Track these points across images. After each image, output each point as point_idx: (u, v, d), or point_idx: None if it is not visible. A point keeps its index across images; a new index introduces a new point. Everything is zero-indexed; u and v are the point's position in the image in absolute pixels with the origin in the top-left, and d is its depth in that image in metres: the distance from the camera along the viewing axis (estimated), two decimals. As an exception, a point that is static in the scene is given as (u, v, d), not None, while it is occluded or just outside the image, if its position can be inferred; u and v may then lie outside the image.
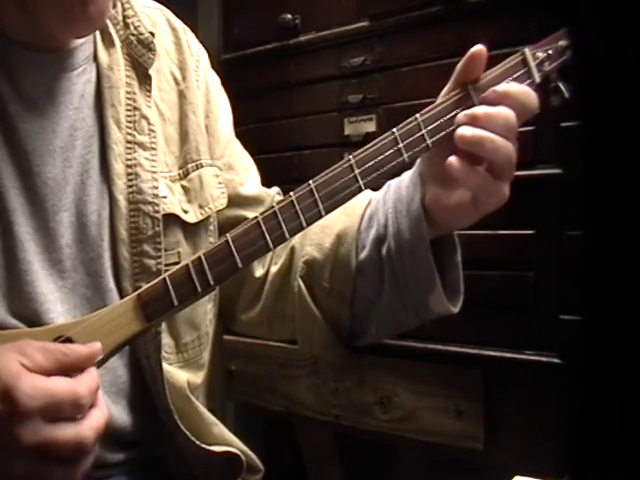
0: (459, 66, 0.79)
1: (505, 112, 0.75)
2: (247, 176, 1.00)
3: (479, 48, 0.77)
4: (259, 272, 0.96)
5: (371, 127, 1.43)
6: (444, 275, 0.84)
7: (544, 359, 1.20)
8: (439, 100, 0.79)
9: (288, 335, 0.96)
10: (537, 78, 0.79)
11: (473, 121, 0.75)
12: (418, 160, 0.82)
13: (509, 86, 0.77)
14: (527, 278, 1.23)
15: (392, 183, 0.86)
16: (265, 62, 1.63)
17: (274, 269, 0.95)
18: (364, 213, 0.88)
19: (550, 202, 1.21)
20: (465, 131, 0.75)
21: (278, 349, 1.44)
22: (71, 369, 0.67)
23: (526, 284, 1.23)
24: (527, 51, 0.79)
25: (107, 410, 0.68)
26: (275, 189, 1.01)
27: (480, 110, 0.75)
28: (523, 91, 0.76)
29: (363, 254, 0.86)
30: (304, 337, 0.94)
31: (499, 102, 0.76)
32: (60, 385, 0.64)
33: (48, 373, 0.65)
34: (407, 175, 0.84)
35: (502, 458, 1.27)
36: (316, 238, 0.91)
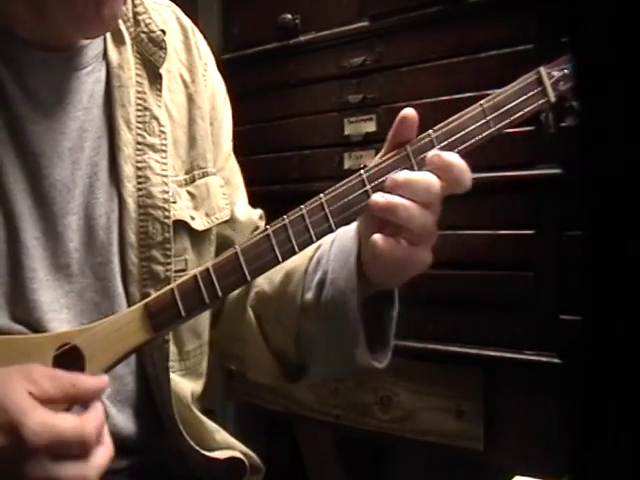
0: (391, 131, 0.76)
1: (427, 178, 0.73)
2: (239, 196, 0.98)
3: (407, 111, 0.75)
4: None
5: (371, 127, 1.43)
6: (378, 328, 0.82)
7: (544, 359, 1.20)
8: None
9: (243, 355, 0.95)
10: (552, 97, 0.76)
11: (393, 186, 0.73)
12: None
13: (437, 156, 0.73)
14: (527, 278, 1.23)
15: (342, 230, 0.84)
16: (265, 62, 1.63)
17: (234, 293, 0.94)
18: (313, 255, 0.87)
19: (550, 202, 1.21)
20: (378, 198, 0.73)
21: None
22: (77, 400, 0.67)
23: (526, 284, 1.23)
24: (542, 70, 0.76)
25: (111, 448, 0.67)
26: (259, 212, 0.99)
27: (400, 176, 0.73)
28: (445, 164, 0.73)
29: (308, 296, 0.85)
30: (252, 364, 0.94)
31: (435, 168, 0.73)
32: (68, 424, 0.63)
33: (54, 402, 0.64)
34: (354, 225, 0.82)
35: (502, 458, 1.27)
36: (269, 272, 0.91)
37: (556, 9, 1.04)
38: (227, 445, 0.92)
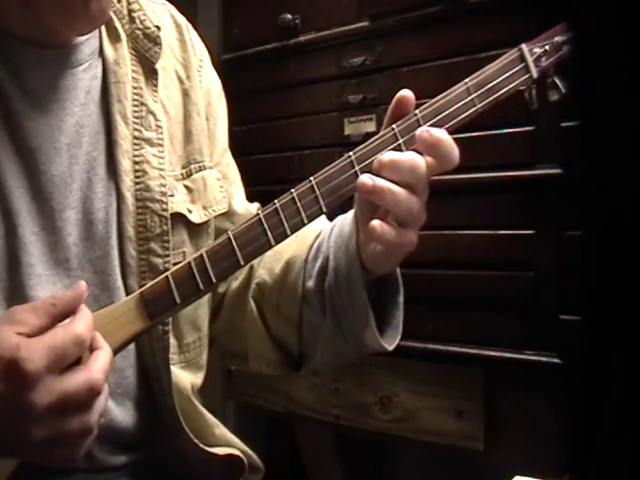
0: (389, 111, 0.78)
1: (412, 158, 0.74)
2: (236, 190, 0.99)
3: (405, 92, 0.77)
4: (222, 288, 0.96)
5: (371, 127, 1.43)
6: (386, 315, 0.83)
7: (544, 359, 1.20)
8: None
9: (244, 349, 0.96)
10: (535, 73, 0.79)
11: (380, 167, 0.74)
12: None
13: (435, 132, 0.74)
14: (527, 278, 1.23)
15: (340, 217, 0.86)
16: (265, 62, 1.64)
17: (234, 285, 0.95)
18: (313, 243, 0.89)
19: (550, 202, 1.21)
20: (366, 180, 0.74)
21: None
22: (64, 316, 0.67)
23: (526, 284, 1.23)
24: (524, 47, 0.79)
25: (109, 350, 0.69)
26: (256, 205, 1.00)
27: (386, 157, 0.74)
28: (432, 141, 0.74)
29: (309, 284, 0.86)
30: (254, 355, 0.94)
31: (425, 144, 0.74)
32: (57, 334, 0.65)
33: (45, 329, 0.65)
34: (352, 211, 0.84)
35: (502, 458, 1.27)
36: (269, 262, 0.92)
37: (556, 9, 1.05)
38: (226, 442, 0.92)
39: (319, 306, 0.85)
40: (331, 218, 0.87)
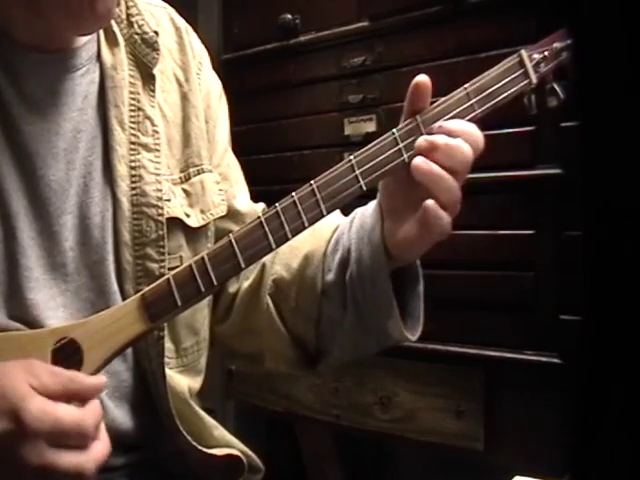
0: (406, 101, 0.79)
1: (465, 146, 0.75)
2: (239, 189, 0.99)
3: (420, 78, 0.78)
4: (233, 288, 0.95)
5: (371, 127, 1.43)
6: (406, 305, 0.84)
7: (544, 359, 1.20)
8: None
9: (258, 349, 0.95)
10: (534, 79, 0.79)
11: (432, 148, 0.74)
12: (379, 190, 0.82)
13: (456, 123, 0.76)
14: (527, 278, 1.23)
15: (360, 210, 0.86)
16: (265, 62, 1.64)
17: (245, 284, 0.95)
18: (331, 237, 0.88)
19: (550, 202, 1.21)
20: (422, 163, 0.74)
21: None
22: (75, 396, 0.68)
23: (526, 284, 1.23)
24: (524, 53, 0.79)
25: (109, 445, 0.69)
26: (261, 205, 1.00)
27: (441, 140, 0.75)
28: (470, 131, 0.75)
29: (329, 277, 0.86)
30: (271, 354, 0.94)
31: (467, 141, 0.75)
32: (68, 413, 0.65)
33: (53, 396, 0.66)
34: (372, 203, 0.84)
35: (502, 458, 1.27)
36: (285, 258, 0.91)
37: (556, 9, 1.05)
38: (225, 443, 0.92)
39: (339, 299, 0.85)
40: (346, 213, 0.88)
